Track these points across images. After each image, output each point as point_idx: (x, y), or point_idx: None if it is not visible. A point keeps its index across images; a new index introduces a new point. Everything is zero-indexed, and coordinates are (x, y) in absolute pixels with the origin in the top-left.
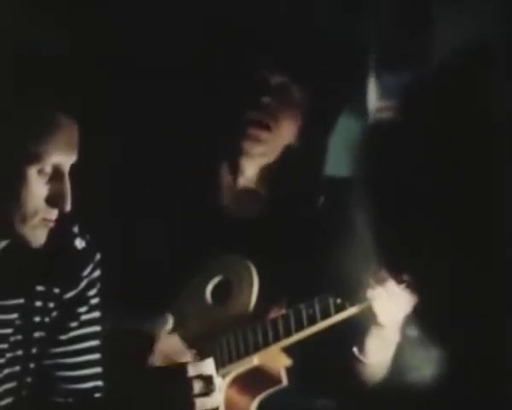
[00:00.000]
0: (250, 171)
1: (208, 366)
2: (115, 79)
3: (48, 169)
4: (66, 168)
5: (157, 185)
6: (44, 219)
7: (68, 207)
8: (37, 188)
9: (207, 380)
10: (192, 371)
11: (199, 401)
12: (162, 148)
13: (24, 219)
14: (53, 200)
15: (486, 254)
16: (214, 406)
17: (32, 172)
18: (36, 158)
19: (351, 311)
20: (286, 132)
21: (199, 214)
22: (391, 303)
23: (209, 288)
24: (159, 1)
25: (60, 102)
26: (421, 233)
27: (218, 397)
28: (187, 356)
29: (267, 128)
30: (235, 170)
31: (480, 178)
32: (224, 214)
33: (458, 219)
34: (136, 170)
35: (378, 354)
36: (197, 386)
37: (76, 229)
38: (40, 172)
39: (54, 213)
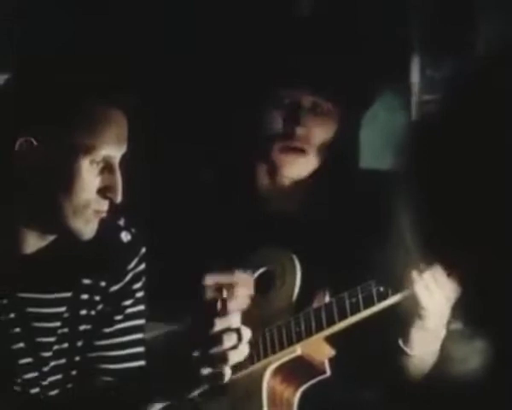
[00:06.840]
0: (287, 180)
1: (235, 319)
2: (164, 74)
3: (99, 161)
4: (117, 160)
5: (199, 179)
6: (96, 211)
7: (119, 199)
8: (90, 179)
9: (236, 332)
10: (219, 324)
11: (230, 354)
12: (204, 144)
13: (76, 212)
14: (104, 191)
15: None
16: (243, 357)
17: (85, 163)
18: (88, 150)
19: (394, 299)
20: (321, 147)
21: (240, 208)
22: (435, 291)
23: (252, 279)
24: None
25: (111, 96)
26: (467, 225)
27: (246, 348)
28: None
29: (302, 152)
30: (274, 177)
31: None
32: (264, 207)
33: (505, 212)
34: (180, 166)
35: (423, 347)
36: (227, 340)
37: (122, 222)
38: (92, 163)
39: (105, 205)
